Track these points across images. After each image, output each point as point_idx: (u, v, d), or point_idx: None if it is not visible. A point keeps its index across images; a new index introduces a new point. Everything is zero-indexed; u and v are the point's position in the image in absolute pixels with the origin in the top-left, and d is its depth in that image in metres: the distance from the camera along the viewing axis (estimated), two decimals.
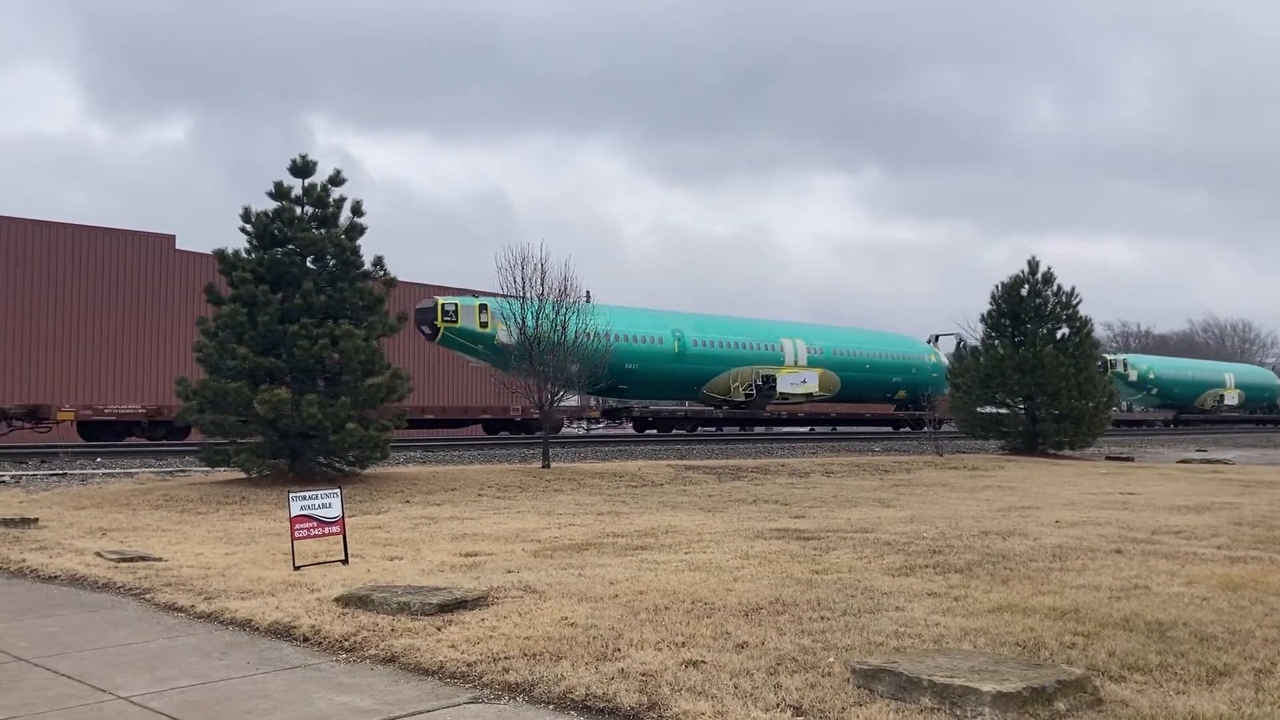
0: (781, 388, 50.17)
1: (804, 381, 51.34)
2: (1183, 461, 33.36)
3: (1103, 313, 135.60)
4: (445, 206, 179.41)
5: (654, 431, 45.97)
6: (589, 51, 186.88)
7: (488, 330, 39.20)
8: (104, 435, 31.64)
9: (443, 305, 39.91)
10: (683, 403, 50.81)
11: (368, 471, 20.19)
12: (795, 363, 51.33)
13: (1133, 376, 73.38)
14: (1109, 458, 35.42)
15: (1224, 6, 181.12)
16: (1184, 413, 77.59)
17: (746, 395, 48.19)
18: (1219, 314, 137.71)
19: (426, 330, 40.49)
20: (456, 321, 40.07)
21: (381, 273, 20.72)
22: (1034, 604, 7.85)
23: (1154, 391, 75.64)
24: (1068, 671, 5.55)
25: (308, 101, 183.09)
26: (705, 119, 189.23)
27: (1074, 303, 36.75)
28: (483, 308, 39.94)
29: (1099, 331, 47.53)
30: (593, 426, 47.22)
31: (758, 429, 52.46)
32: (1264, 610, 7.66)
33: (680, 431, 46.31)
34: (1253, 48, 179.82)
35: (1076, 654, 6.30)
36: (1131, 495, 19.17)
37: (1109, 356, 74.17)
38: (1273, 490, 20.61)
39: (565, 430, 43.24)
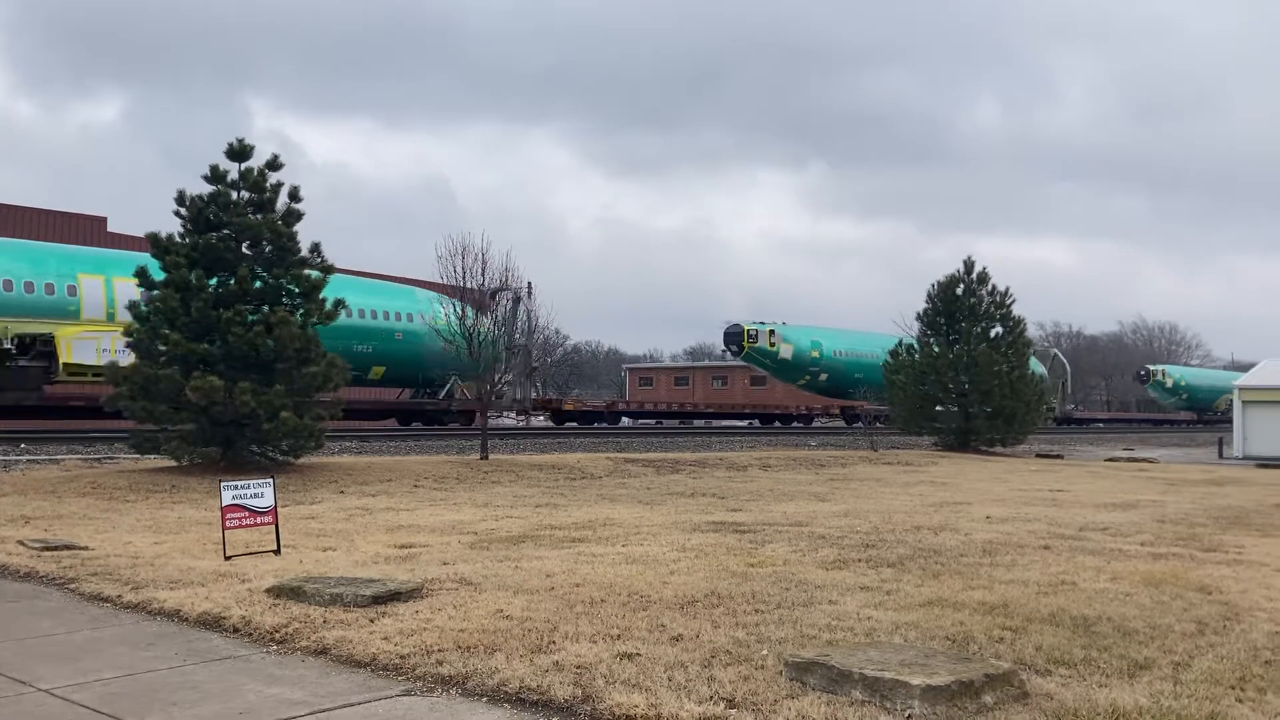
0: None
1: None
2: (1110, 460, 34.15)
3: (1037, 313, 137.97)
4: (388, 193, 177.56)
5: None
6: (539, 41, 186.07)
7: (774, 349, 55.08)
8: None
9: (747, 330, 54.59)
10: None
11: (302, 461, 19.93)
12: None
13: (1169, 384, 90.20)
14: (1039, 455, 36.14)
15: (1166, 14, 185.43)
16: (1204, 413, 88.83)
17: None
18: (1148, 316, 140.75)
19: (734, 348, 55.65)
20: (756, 342, 54.72)
21: (319, 260, 20.42)
22: (964, 598, 7.99)
23: (1184, 396, 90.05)
24: (995, 665, 5.66)
25: (248, 83, 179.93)
26: (654, 113, 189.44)
27: (1008, 302, 37.40)
28: (771, 332, 54.98)
29: (1032, 331, 48.76)
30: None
31: None
32: (1183, 605, 7.87)
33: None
34: (1192, 55, 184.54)
35: (1004, 648, 6.43)
36: (1060, 492, 19.58)
37: (1151, 367, 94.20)
38: (1194, 488, 21.18)
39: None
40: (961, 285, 37.32)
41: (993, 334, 37.21)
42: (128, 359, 19.73)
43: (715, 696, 5.37)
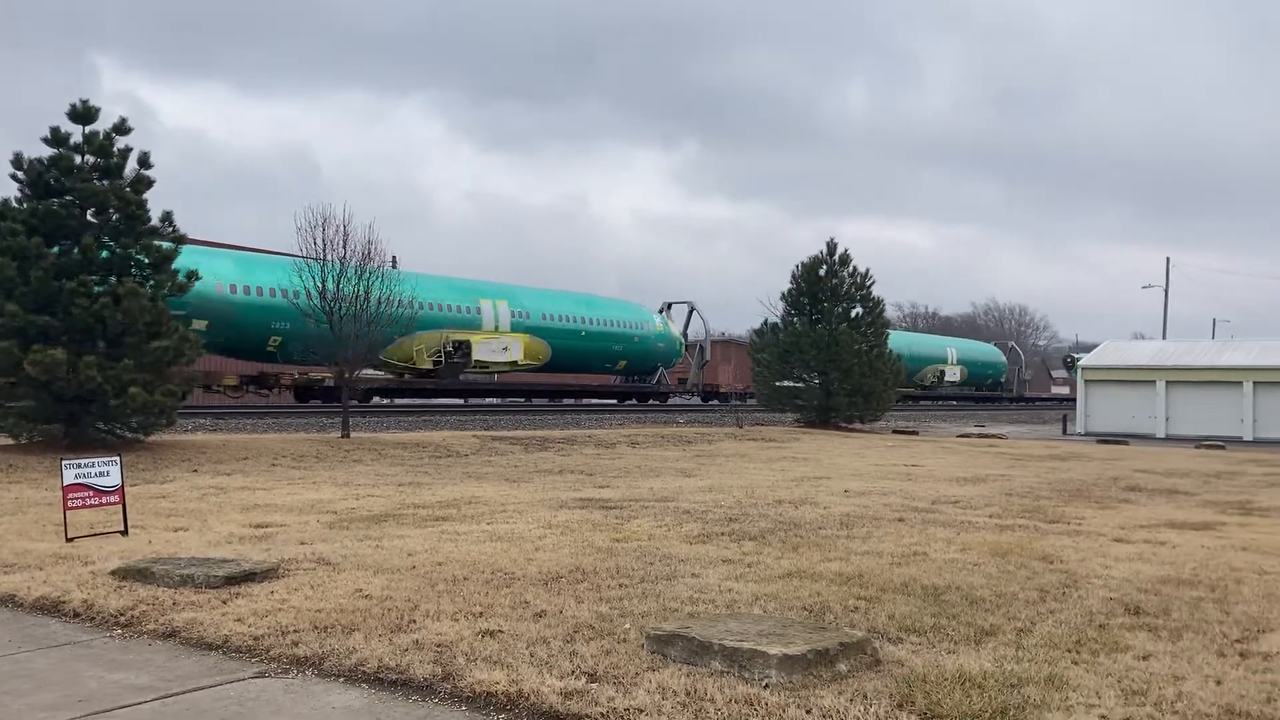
0: None
1: None
2: (962, 436, 35.49)
3: (897, 294, 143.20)
4: (247, 161, 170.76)
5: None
6: (405, 8, 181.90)
7: None
8: None
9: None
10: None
11: (152, 439, 19.17)
12: None
13: None
14: (895, 432, 37.32)
15: (1027, 8, 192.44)
16: None
17: None
18: (1000, 298, 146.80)
19: None
20: None
21: (170, 229, 19.60)
22: (821, 570, 8.20)
23: None
24: (850, 634, 5.82)
25: (94, 40, 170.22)
26: (526, 85, 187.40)
27: (868, 284, 38.44)
28: None
29: (890, 312, 50.50)
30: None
31: None
32: (1027, 574, 8.24)
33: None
34: (1048, 50, 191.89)
35: (859, 617, 6.61)
36: (915, 467, 20.26)
37: (1074, 355, 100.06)
38: (1039, 463, 22.21)
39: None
40: (824, 266, 38.19)
41: (853, 314, 38.22)
42: None
43: (577, 671, 5.38)
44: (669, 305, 57.80)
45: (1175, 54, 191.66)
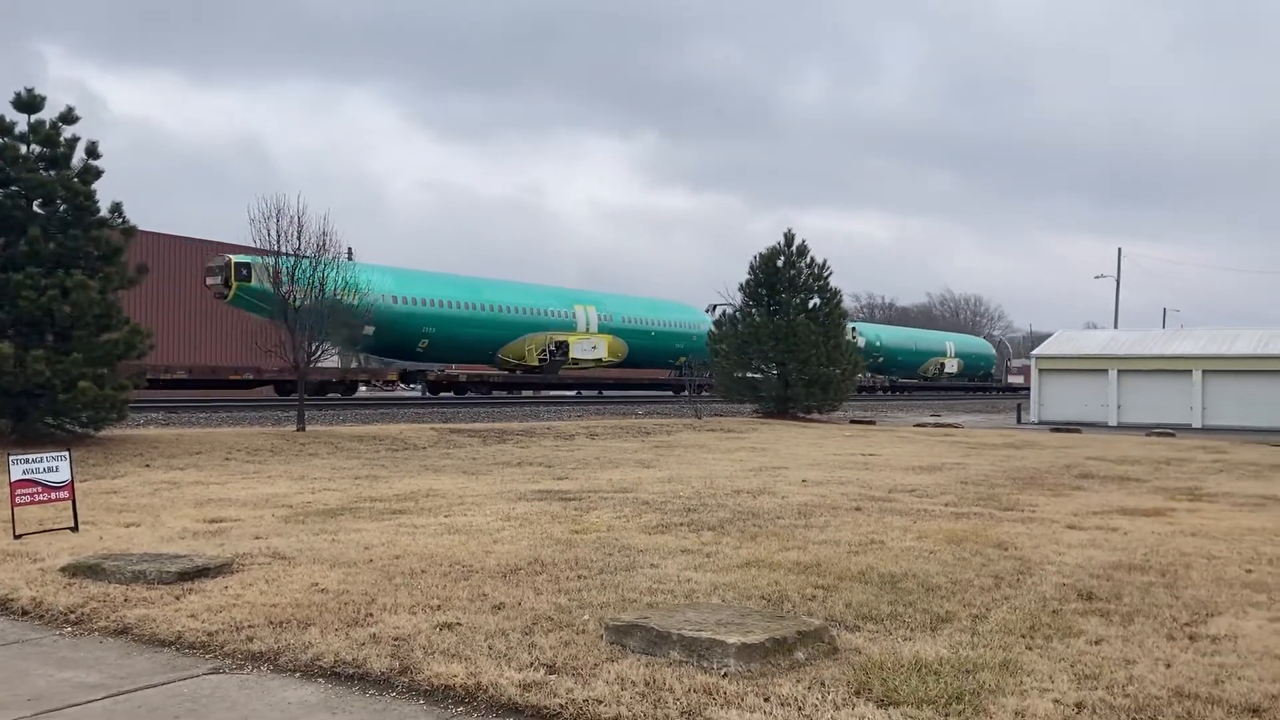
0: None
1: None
2: (919, 425, 35.79)
3: (854, 285, 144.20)
4: (198, 151, 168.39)
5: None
6: None
7: (855, 340, 55.90)
8: None
9: None
10: None
11: (104, 433, 18.87)
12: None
13: None
14: (853, 421, 37.58)
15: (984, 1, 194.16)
16: None
17: None
18: (955, 289, 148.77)
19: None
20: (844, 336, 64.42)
21: (120, 220, 19.28)
22: (779, 559, 8.23)
23: None
24: (807, 623, 5.85)
25: (39, 26, 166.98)
26: (482, 74, 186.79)
27: (825, 275, 38.61)
28: (854, 328, 58.56)
29: (848, 302, 50.94)
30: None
31: None
32: (982, 561, 8.33)
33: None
34: (1004, 42, 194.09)
35: (817, 606, 6.65)
36: (872, 456, 20.41)
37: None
38: (994, 451, 22.46)
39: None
40: (782, 257, 38.31)
41: (811, 305, 38.38)
42: None
43: (536, 663, 5.36)
44: (714, 306, 63.06)
45: (1130, 47, 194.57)
